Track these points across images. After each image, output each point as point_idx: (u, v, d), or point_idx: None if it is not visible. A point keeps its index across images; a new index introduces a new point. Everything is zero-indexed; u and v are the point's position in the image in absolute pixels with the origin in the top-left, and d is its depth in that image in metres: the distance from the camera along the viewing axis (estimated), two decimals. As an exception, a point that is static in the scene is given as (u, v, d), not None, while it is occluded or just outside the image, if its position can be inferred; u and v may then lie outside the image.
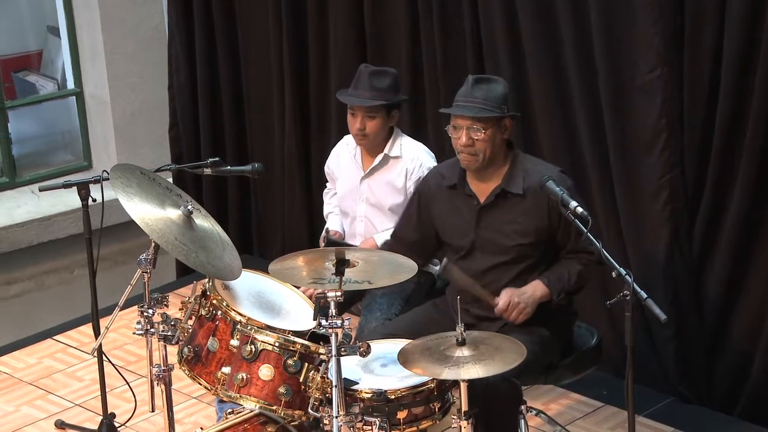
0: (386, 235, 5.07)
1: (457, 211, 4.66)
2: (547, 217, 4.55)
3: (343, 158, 5.42)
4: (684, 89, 5.30)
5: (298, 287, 4.63)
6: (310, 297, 4.63)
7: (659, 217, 5.39)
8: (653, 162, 5.35)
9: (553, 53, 5.60)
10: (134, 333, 4.50)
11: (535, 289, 4.56)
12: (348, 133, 5.47)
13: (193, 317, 4.44)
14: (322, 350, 4.21)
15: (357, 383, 4.22)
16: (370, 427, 4.12)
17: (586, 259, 4.58)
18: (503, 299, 4.54)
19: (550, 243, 4.61)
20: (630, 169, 5.45)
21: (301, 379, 4.22)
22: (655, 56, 5.24)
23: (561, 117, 5.66)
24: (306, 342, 4.26)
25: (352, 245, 5.24)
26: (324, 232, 5.22)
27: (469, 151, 4.54)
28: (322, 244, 5.18)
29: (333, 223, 5.48)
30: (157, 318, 4.47)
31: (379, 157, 5.26)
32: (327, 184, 5.62)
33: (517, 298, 4.53)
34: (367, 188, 5.31)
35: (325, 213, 5.59)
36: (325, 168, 5.55)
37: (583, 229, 4.24)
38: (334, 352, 4.03)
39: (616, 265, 4.14)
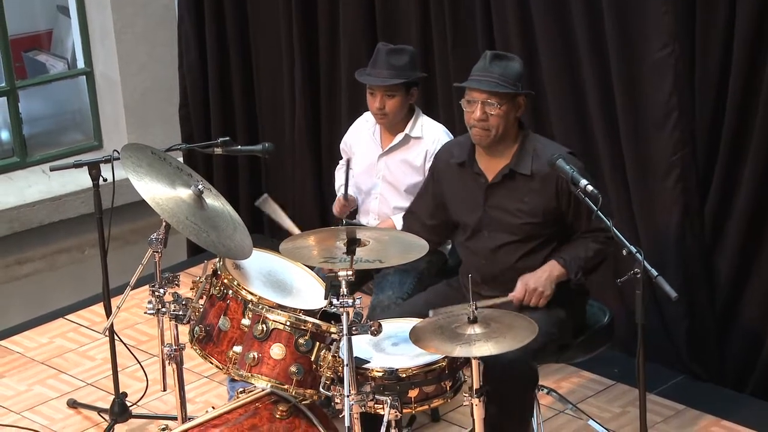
0: (401, 216, 5.07)
1: (466, 188, 4.66)
2: (554, 197, 4.54)
3: (362, 135, 5.42)
4: (696, 67, 5.28)
5: (310, 267, 4.63)
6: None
7: (670, 195, 5.38)
8: (664, 140, 5.33)
9: (564, 31, 5.58)
10: (145, 312, 4.51)
11: (552, 269, 4.55)
12: (363, 110, 5.47)
13: (204, 296, 4.45)
14: (333, 329, 4.21)
15: (368, 362, 4.22)
16: (381, 406, 4.12)
17: (603, 237, 4.56)
18: (519, 288, 4.53)
19: (560, 223, 4.60)
20: (641, 147, 5.44)
21: (312, 358, 4.23)
22: (667, 33, 5.22)
23: (572, 95, 5.65)
24: (317, 321, 4.27)
25: (365, 226, 5.24)
26: (340, 195, 5.21)
27: (482, 126, 4.53)
28: (335, 209, 5.19)
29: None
30: (168, 297, 4.48)
31: (400, 136, 5.26)
32: (340, 161, 5.61)
33: (533, 283, 4.53)
34: (384, 166, 5.31)
35: (336, 187, 5.59)
36: (342, 144, 5.55)
37: (594, 207, 4.24)
38: (345, 331, 4.03)
39: (627, 243, 4.13)
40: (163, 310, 4.47)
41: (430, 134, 5.24)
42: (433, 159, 4.89)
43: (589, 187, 4.28)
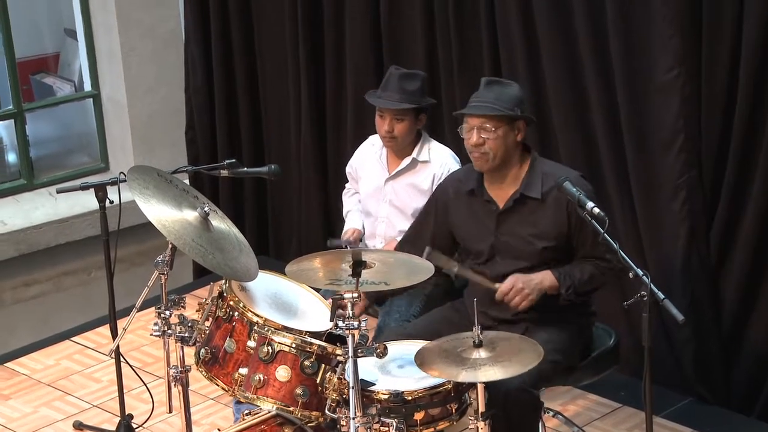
0: None
1: (476, 216, 4.65)
2: (566, 220, 4.53)
3: (369, 158, 5.42)
4: (702, 89, 5.29)
5: (316, 289, 4.63)
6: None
7: (677, 217, 5.38)
8: (671, 162, 5.34)
9: (570, 54, 5.59)
10: (151, 334, 4.51)
11: (544, 278, 4.53)
12: (369, 133, 5.48)
13: (210, 318, 4.44)
14: (339, 351, 4.21)
15: (374, 384, 4.22)
16: (387, 428, 4.12)
17: (603, 265, 4.55)
18: (507, 283, 4.51)
19: (570, 247, 4.59)
20: (648, 170, 5.44)
21: (318, 380, 4.22)
22: (673, 56, 5.23)
23: (578, 118, 5.65)
24: (323, 343, 4.26)
25: (347, 248, 5.23)
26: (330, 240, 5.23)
27: (479, 151, 4.54)
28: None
29: (352, 221, 5.48)
30: (174, 319, 4.48)
31: (407, 160, 5.26)
32: (347, 185, 5.62)
33: (522, 283, 4.50)
34: (391, 190, 5.32)
35: (344, 212, 5.59)
36: (348, 167, 5.55)
37: (600, 230, 4.23)
38: (350, 353, 4.03)
39: (634, 266, 4.13)
40: (169, 332, 4.47)
41: (437, 158, 5.24)
42: (438, 189, 4.86)
43: (596, 210, 4.28)
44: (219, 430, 4.42)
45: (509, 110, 4.50)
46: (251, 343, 4.31)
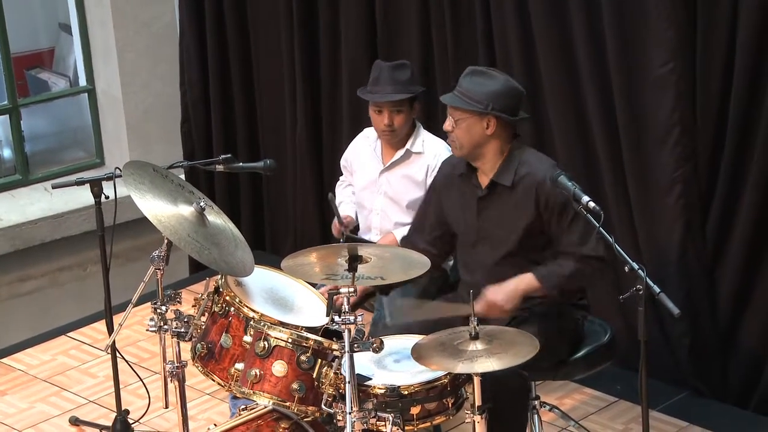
0: (404, 232, 5.07)
1: (464, 200, 4.67)
2: (534, 210, 4.51)
3: (363, 151, 5.42)
4: (697, 83, 5.29)
5: (312, 284, 4.63)
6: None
7: (672, 211, 5.38)
8: (666, 156, 5.34)
9: (565, 47, 5.59)
10: (147, 330, 4.51)
11: (518, 282, 4.50)
12: (364, 127, 5.48)
13: (206, 314, 4.44)
14: (335, 346, 4.21)
15: (370, 379, 4.22)
16: (383, 423, 4.12)
17: (594, 261, 4.49)
18: (481, 302, 4.47)
19: (546, 237, 4.57)
20: (643, 164, 5.44)
21: (314, 375, 4.22)
22: (668, 50, 5.23)
23: (574, 111, 5.66)
24: (319, 338, 4.26)
25: (369, 242, 5.25)
26: (336, 218, 5.22)
27: (450, 138, 4.59)
28: (335, 230, 5.19)
29: (345, 211, 5.47)
30: (170, 315, 4.48)
31: (401, 151, 5.27)
32: (340, 177, 5.62)
33: (492, 296, 4.48)
34: (385, 181, 5.32)
35: (336, 202, 5.59)
36: (342, 161, 5.55)
37: (596, 223, 4.23)
38: (347, 348, 4.03)
39: (629, 260, 4.13)
40: (165, 327, 4.47)
41: (431, 149, 5.25)
42: (436, 174, 4.89)
43: (591, 204, 4.27)
44: (215, 425, 4.42)
45: (476, 104, 4.50)
46: (247, 339, 4.31)
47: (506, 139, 4.58)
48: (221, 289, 4.42)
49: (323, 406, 4.19)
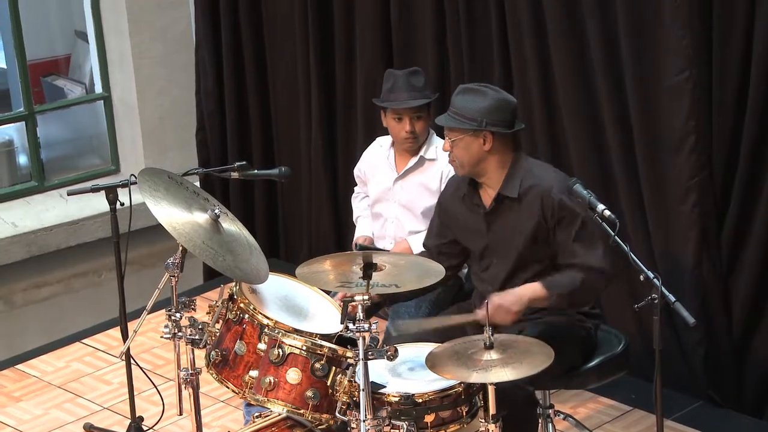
0: (418, 239, 5.07)
1: (470, 219, 4.67)
2: (540, 219, 4.51)
3: (377, 160, 5.43)
4: (713, 91, 5.28)
5: (326, 291, 4.63)
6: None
7: (687, 219, 5.37)
8: (681, 164, 5.33)
9: (580, 55, 5.59)
10: (162, 337, 4.51)
11: (524, 290, 4.49)
12: (378, 135, 5.48)
13: (221, 321, 4.44)
14: (349, 354, 4.20)
15: (384, 387, 4.21)
16: (397, 431, 4.11)
17: (590, 273, 4.47)
18: (486, 306, 4.49)
19: (551, 248, 4.55)
20: (658, 171, 5.43)
21: (328, 383, 4.22)
22: (684, 58, 5.22)
23: (588, 119, 5.65)
24: (333, 345, 4.26)
25: (383, 250, 5.24)
26: (354, 244, 5.23)
27: (450, 158, 4.61)
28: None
29: (362, 227, 5.48)
30: (184, 322, 4.48)
31: (414, 159, 5.27)
32: (355, 189, 5.62)
33: (498, 300, 4.46)
34: (400, 189, 5.32)
35: (354, 217, 5.60)
36: (355, 171, 5.56)
37: (611, 232, 4.22)
38: (361, 356, 4.03)
39: (644, 269, 4.12)
40: (180, 334, 4.47)
41: (444, 155, 5.24)
42: (442, 192, 4.89)
43: (607, 212, 4.26)
44: (229, 432, 4.42)
45: (470, 122, 4.50)
46: (262, 346, 4.31)
47: (506, 152, 4.58)
48: (235, 297, 4.42)
49: (337, 414, 4.19)
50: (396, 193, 5.34)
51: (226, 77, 6.98)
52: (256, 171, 5.19)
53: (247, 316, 4.37)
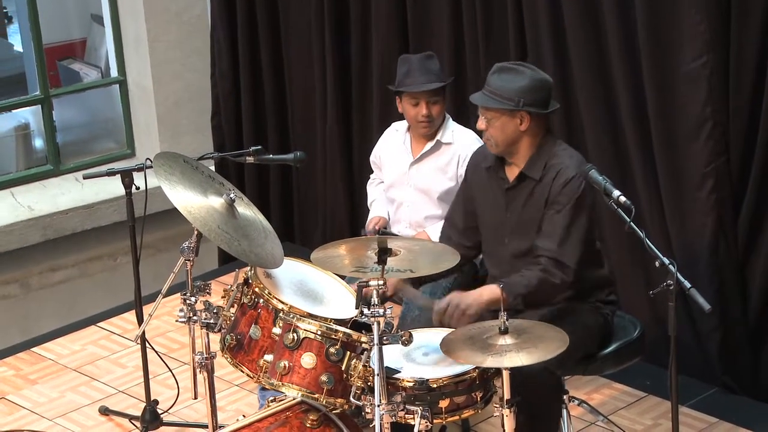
0: (437, 229, 5.06)
1: (491, 192, 4.66)
2: (543, 205, 4.52)
3: (392, 145, 5.42)
4: (730, 77, 5.25)
5: (341, 276, 4.63)
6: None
7: (704, 206, 5.35)
8: (698, 150, 5.31)
9: (597, 41, 5.57)
10: (177, 320, 4.52)
11: (482, 291, 4.49)
12: (393, 120, 5.47)
13: (236, 305, 4.45)
14: (364, 339, 4.21)
15: (399, 372, 4.22)
16: (411, 416, 4.12)
17: (552, 272, 4.46)
18: (443, 301, 4.48)
19: None
20: (675, 158, 5.41)
21: (343, 368, 4.23)
22: (701, 44, 5.19)
23: (605, 105, 5.63)
24: (348, 330, 4.27)
25: (399, 235, 5.24)
26: (365, 226, 5.22)
27: (485, 136, 4.59)
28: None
29: (377, 210, 5.47)
30: (199, 306, 4.49)
31: (431, 143, 5.27)
32: (371, 175, 5.61)
33: (457, 299, 4.47)
34: (416, 173, 5.32)
35: (369, 202, 5.59)
36: (371, 157, 5.55)
37: (626, 218, 4.21)
38: (376, 341, 4.03)
39: (660, 255, 4.11)
40: (195, 318, 4.48)
41: (460, 139, 5.25)
42: (468, 163, 4.88)
43: (622, 198, 4.25)
44: (244, 416, 4.43)
45: (507, 101, 4.48)
46: (276, 330, 4.31)
47: (540, 132, 4.57)
48: (250, 281, 4.43)
49: (352, 399, 4.19)
50: (412, 177, 5.33)
51: (241, 61, 6.97)
52: (271, 156, 5.19)
53: (262, 300, 4.38)
